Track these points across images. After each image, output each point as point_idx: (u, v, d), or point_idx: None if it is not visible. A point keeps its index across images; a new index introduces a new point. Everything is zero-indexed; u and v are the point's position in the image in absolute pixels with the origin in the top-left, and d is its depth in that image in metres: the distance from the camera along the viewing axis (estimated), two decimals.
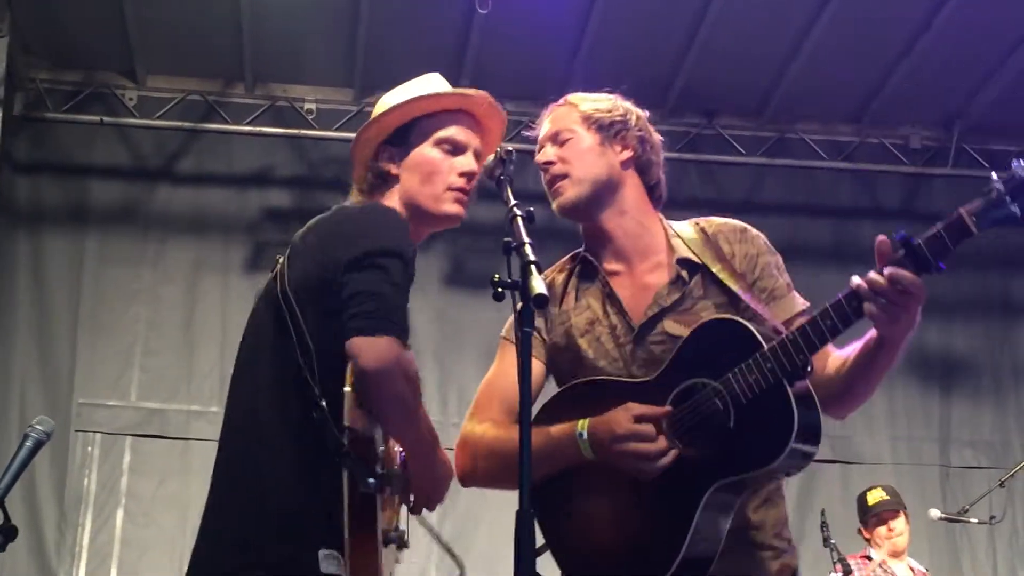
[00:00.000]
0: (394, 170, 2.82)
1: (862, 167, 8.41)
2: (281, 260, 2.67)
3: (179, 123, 7.89)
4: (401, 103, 2.84)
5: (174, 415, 7.48)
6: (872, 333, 2.55)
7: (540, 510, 2.64)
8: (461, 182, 2.81)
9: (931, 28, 7.34)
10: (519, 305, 2.30)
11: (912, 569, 6.70)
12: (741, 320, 2.60)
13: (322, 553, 2.42)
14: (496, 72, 7.40)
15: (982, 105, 8.08)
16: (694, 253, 2.80)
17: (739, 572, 2.65)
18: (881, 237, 2.44)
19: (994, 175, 2.38)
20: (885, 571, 6.56)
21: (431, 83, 2.93)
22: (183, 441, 7.24)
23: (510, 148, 2.63)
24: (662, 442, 2.54)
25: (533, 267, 2.30)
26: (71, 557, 7.23)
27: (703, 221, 2.91)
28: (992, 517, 6.91)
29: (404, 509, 2.73)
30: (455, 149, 2.84)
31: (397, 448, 2.64)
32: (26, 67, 7.69)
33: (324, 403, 2.45)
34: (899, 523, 6.70)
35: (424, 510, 2.74)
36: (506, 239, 2.39)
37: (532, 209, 2.47)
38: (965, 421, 8.26)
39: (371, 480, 2.38)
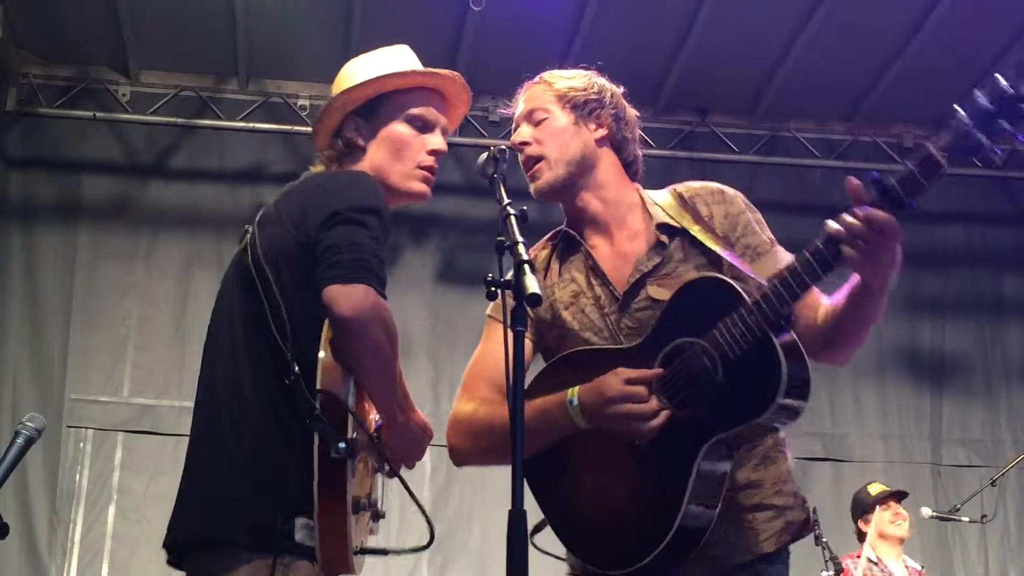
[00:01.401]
0: (361, 142, 2.82)
1: (855, 165, 8.40)
2: (251, 229, 2.66)
3: (172, 119, 7.89)
4: (374, 78, 2.84)
5: (166, 411, 7.48)
6: (856, 277, 2.52)
7: (536, 484, 2.70)
8: (430, 160, 2.83)
9: (924, 27, 7.36)
10: (512, 304, 2.29)
11: (908, 567, 6.72)
12: (722, 277, 2.59)
13: (299, 521, 2.42)
14: (489, 68, 7.39)
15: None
16: (672, 218, 2.79)
17: (738, 540, 2.65)
18: (853, 180, 2.41)
19: (957, 108, 2.34)
20: (883, 570, 6.57)
21: (402, 56, 2.93)
22: (175, 437, 7.22)
23: (503, 147, 2.63)
24: (653, 402, 2.54)
25: (526, 266, 2.30)
26: (63, 553, 7.23)
27: (680, 187, 2.91)
28: (983, 516, 6.92)
29: (380, 478, 2.72)
30: (425, 126, 2.85)
31: (374, 416, 2.62)
32: (19, 62, 7.68)
33: (297, 368, 2.44)
34: (902, 510, 6.73)
35: (403, 468, 2.73)
36: (499, 238, 2.39)
37: (525, 208, 2.47)
38: (956, 420, 8.28)
39: (341, 445, 2.36)
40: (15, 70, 7.66)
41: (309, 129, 7.69)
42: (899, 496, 6.79)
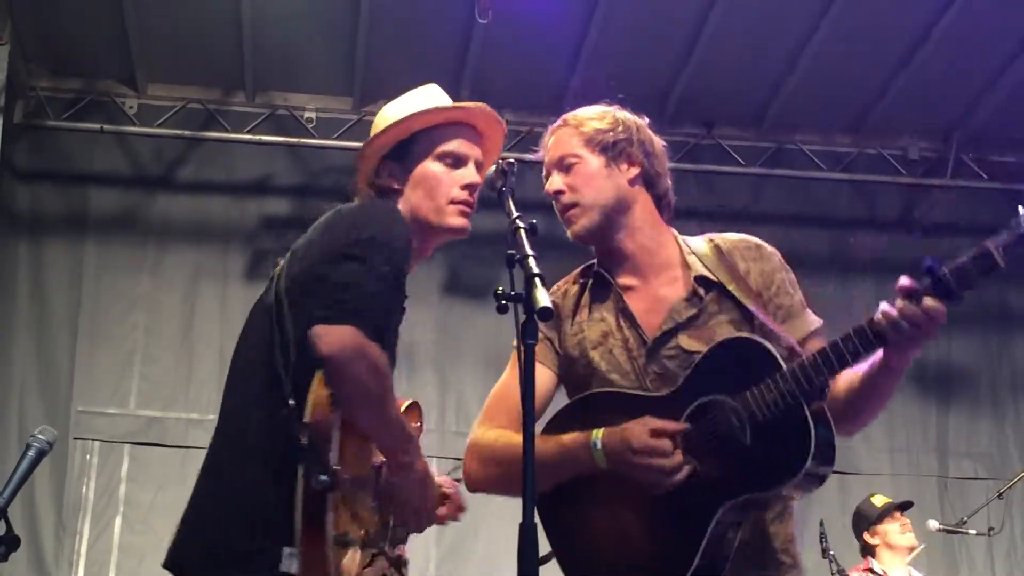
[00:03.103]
0: (396, 186, 2.84)
1: (860, 178, 8.42)
2: (281, 263, 2.72)
3: (179, 131, 7.89)
4: (400, 119, 2.86)
5: (173, 423, 7.49)
6: (878, 355, 2.56)
7: (547, 518, 2.70)
8: (464, 195, 2.83)
9: (929, 39, 7.36)
10: (523, 318, 2.30)
11: None
12: (760, 340, 2.60)
13: (286, 551, 2.46)
14: (495, 82, 7.42)
15: (981, 116, 8.09)
16: (709, 270, 2.79)
17: None
18: (906, 281, 2.49)
19: (1021, 209, 2.44)
20: None
21: (430, 95, 2.94)
22: (182, 449, 7.23)
23: (511, 160, 2.63)
24: (678, 457, 2.55)
25: (537, 280, 2.30)
26: (69, 565, 7.23)
27: (717, 237, 2.90)
28: (990, 528, 6.91)
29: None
30: (456, 162, 2.85)
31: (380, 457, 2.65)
32: (27, 75, 7.70)
33: (293, 401, 2.49)
34: (908, 520, 6.72)
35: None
36: (509, 251, 2.39)
37: (535, 221, 2.47)
38: (963, 432, 8.27)
39: (322, 477, 2.41)
40: (23, 83, 7.68)
41: (315, 141, 7.83)
42: (903, 507, 6.78)
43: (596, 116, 2.92)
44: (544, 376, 2.84)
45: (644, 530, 2.62)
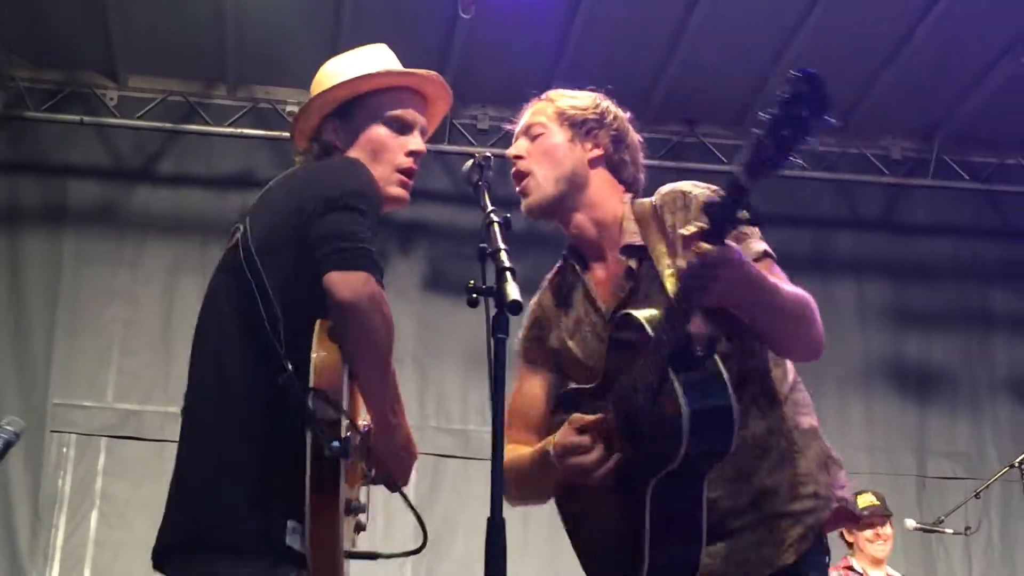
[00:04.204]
0: (339, 145, 2.79)
1: (842, 177, 8.44)
2: (241, 227, 2.62)
3: (160, 124, 7.86)
4: (351, 79, 2.81)
5: (150, 417, 7.44)
6: None
7: (563, 514, 2.79)
8: (408, 162, 2.79)
9: (912, 39, 7.37)
10: (493, 311, 2.28)
11: None
12: (631, 311, 2.55)
13: (289, 525, 2.37)
14: (479, 77, 7.41)
15: (963, 117, 8.11)
16: (640, 234, 2.73)
17: (753, 554, 2.60)
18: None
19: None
20: None
21: (380, 56, 2.90)
22: (159, 443, 7.17)
23: (488, 154, 2.62)
24: (596, 453, 2.53)
25: (508, 273, 2.29)
26: (44, 558, 7.19)
27: (658, 193, 2.81)
28: (967, 528, 6.92)
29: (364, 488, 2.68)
30: (403, 128, 2.81)
31: (363, 420, 2.59)
32: (6, 65, 7.65)
33: (290, 366, 2.39)
34: (887, 530, 6.70)
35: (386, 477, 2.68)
36: (481, 245, 2.38)
37: (509, 215, 2.46)
38: (942, 432, 8.28)
39: (334, 444, 2.31)
40: (2, 73, 7.63)
41: None
42: (884, 519, 6.73)
43: (576, 96, 2.92)
44: (541, 382, 2.87)
45: (613, 519, 2.60)
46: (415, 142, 2.81)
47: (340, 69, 2.85)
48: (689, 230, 2.30)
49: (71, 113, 7.76)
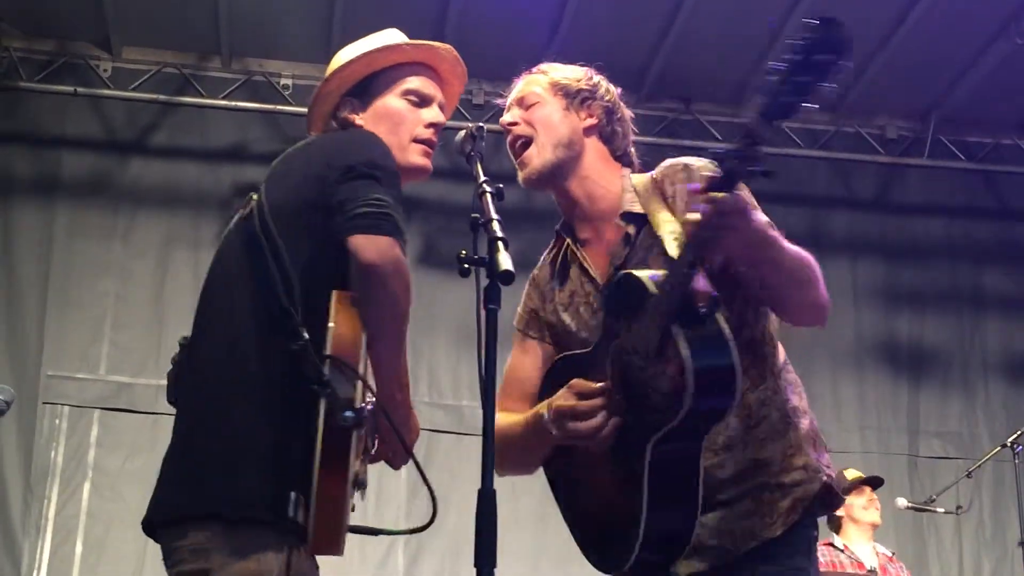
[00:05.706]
0: (357, 120, 2.78)
1: (838, 156, 8.43)
2: (256, 196, 2.59)
3: (153, 95, 7.82)
4: (365, 53, 2.80)
5: (143, 389, 7.43)
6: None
7: (553, 481, 2.78)
8: (428, 133, 2.79)
9: (908, 18, 7.36)
10: (485, 283, 2.28)
11: (877, 553, 6.71)
12: (632, 271, 2.55)
13: (292, 496, 2.31)
14: (473, 52, 7.24)
15: (959, 96, 8.10)
16: (640, 203, 2.75)
17: (739, 525, 2.60)
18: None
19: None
20: (850, 556, 6.56)
21: (392, 35, 2.89)
22: (152, 416, 7.18)
23: (481, 124, 2.63)
24: (597, 419, 2.52)
25: (500, 243, 2.28)
26: (36, 530, 7.19)
27: (658, 168, 2.84)
28: (959, 507, 6.95)
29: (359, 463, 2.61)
30: (421, 100, 2.81)
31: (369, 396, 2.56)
32: None
33: (305, 333, 2.36)
34: (876, 497, 6.72)
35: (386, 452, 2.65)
36: (474, 215, 2.38)
37: (501, 186, 2.45)
38: (934, 412, 8.30)
39: (348, 413, 2.27)
40: None
41: (292, 108, 7.76)
42: (874, 483, 6.78)
43: (569, 69, 2.94)
44: (538, 353, 2.87)
45: (612, 490, 2.60)
46: (434, 114, 2.81)
47: (352, 52, 2.85)
48: (698, 187, 2.31)
49: (64, 84, 7.71)
